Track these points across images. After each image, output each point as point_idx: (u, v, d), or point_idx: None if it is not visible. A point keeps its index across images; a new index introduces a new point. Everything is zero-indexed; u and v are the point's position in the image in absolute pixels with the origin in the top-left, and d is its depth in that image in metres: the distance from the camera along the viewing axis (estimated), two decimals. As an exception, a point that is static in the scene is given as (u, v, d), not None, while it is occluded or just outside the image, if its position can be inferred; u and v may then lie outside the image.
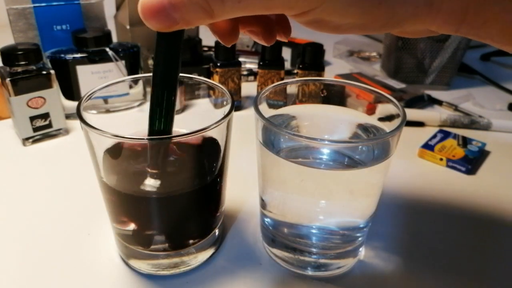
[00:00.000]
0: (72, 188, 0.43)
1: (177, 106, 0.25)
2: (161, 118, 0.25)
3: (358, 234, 0.32)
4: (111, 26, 0.65)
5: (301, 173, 0.29)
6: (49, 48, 0.55)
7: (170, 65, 0.24)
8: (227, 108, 0.30)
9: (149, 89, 0.25)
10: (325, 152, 0.32)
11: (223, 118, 0.28)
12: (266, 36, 0.27)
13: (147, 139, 0.26)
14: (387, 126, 0.31)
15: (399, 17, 0.21)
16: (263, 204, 0.33)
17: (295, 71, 0.60)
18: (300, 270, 0.33)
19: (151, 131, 0.25)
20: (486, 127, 0.57)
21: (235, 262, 0.34)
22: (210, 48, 0.79)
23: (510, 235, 0.38)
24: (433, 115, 0.58)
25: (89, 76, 0.55)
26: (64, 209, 0.39)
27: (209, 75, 0.60)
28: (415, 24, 0.22)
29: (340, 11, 0.21)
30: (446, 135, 0.53)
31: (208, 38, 0.73)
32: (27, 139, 0.50)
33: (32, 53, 0.47)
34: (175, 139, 0.26)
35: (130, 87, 0.52)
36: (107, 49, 0.55)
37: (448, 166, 0.48)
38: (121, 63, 0.56)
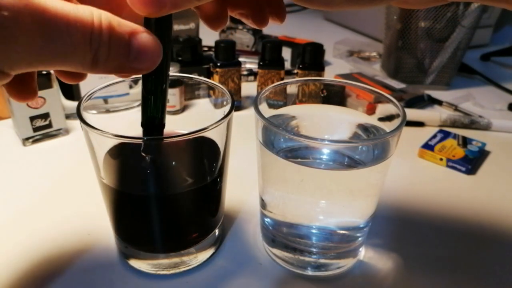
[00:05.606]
0: (72, 188, 0.43)
1: (177, 106, 0.25)
2: (153, 106, 0.24)
3: (358, 234, 0.32)
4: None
5: (301, 173, 0.29)
6: (49, 48, 0.55)
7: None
8: (227, 108, 0.30)
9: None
10: (325, 152, 0.32)
11: (223, 118, 0.28)
12: (257, 18, 0.25)
13: (147, 139, 0.26)
14: (387, 126, 0.31)
15: None
16: (263, 204, 0.33)
17: (295, 71, 0.60)
18: (300, 270, 0.33)
19: (144, 119, 0.25)
20: (486, 127, 0.57)
21: (235, 262, 0.34)
22: (210, 48, 0.79)
23: (510, 235, 0.38)
24: (433, 115, 0.58)
25: (89, 76, 0.55)
26: (64, 209, 0.39)
27: (209, 75, 0.60)
28: None
29: None
30: (446, 135, 0.53)
31: (208, 38, 0.73)
32: (27, 139, 0.50)
33: (32, 53, 0.47)
34: (175, 139, 0.26)
35: (130, 87, 0.52)
36: (107, 49, 0.54)
37: (448, 166, 0.48)
38: (121, 63, 0.55)
